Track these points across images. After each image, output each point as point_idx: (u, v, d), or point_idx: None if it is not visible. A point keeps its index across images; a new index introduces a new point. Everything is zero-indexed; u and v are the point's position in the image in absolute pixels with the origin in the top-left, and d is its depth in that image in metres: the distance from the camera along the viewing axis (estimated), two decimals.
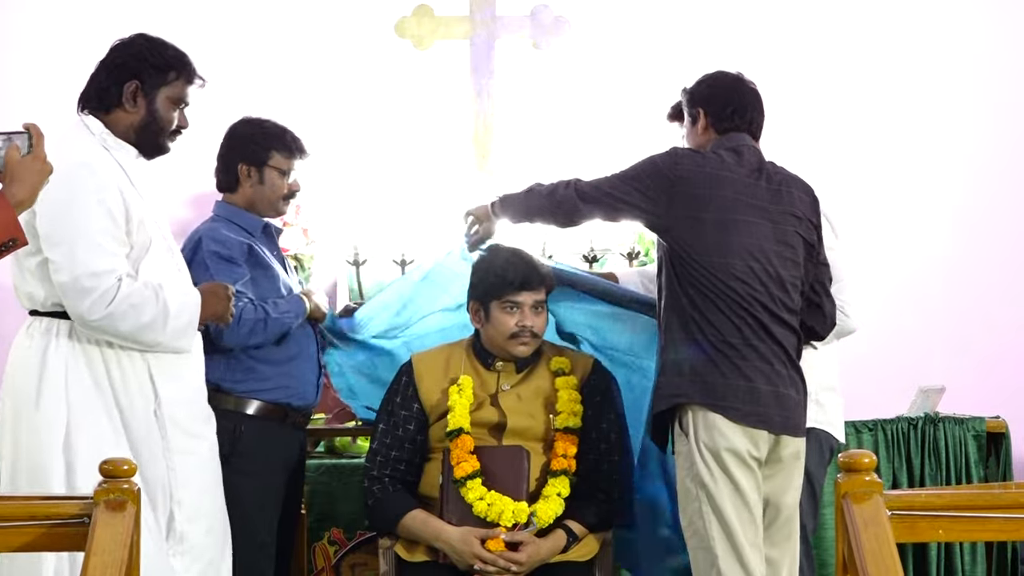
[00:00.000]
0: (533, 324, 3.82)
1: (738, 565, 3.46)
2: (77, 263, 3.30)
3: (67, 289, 3.31)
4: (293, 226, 5.34)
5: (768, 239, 3.59)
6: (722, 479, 3.48)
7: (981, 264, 5.75)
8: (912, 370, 5.40)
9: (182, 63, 3.53)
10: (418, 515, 3.77)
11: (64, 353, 3.36)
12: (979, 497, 2.71)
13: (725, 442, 3.48)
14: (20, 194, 2.89)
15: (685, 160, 3.63)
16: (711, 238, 3.55)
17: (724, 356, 3.51)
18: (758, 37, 5.73)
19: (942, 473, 4.81)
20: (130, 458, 3.20)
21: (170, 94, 3.50)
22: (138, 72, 3.46)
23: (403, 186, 5.55)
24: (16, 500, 2.69)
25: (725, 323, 3.52)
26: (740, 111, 3.72)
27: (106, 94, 3.47)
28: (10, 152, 2.90)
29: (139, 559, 2.56)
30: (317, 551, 4.58)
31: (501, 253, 3.93)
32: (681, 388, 3.53)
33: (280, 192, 4.02)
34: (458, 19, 5.47)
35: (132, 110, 3.47)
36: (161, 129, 3.50)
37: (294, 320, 3.93)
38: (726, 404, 3.49)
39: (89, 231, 3.31)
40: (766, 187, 3.63)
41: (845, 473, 2.58)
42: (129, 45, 3.52)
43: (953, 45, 5.82)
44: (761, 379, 3.52)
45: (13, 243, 2.90)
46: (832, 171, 5.68)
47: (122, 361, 3.40)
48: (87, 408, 3.35)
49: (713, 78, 3.82)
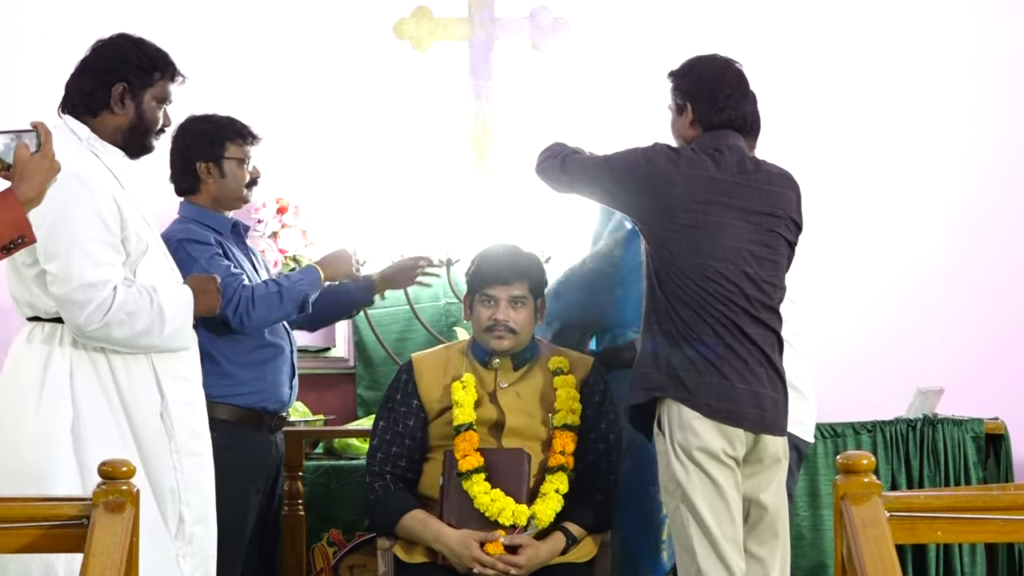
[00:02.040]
0: (507, 318, 3.82)
1: (717, 561, 3.46)
2: (72, 275, 3.28)
3: (63, 301, 3.30)
4: (292, 227, 5.34)
5: (744, 240, 3.57)
6: (697, 476, 3.47)
7: (979, 265, 5.74)
8: (910, 371, 5.39)
9: (165, 62, 3.52)
10: (418, 515, 3.78)
11: (68, 358, 3.35)
12: (978, 498, 2.71)
13: (698, 441, 3.47)
14: (29, 192, 2.92)
15: (660, 158, 3.60)
16: (684, 239, 3.54)
17: (699, 354, 3.50)
18: (756, 39, 5.73)
19: (941, 474, 4.81)
20: (138, 461, 3.26)
21: (155, 94, 3.49)
22: (124, 74, 3.44)
23: (402, 188, 5.55)
24: (15, 502, 2.69)
25: (699, 322, 3.51)
26: (727, 107, 3.67)
27: (92, 97, 3.44)
28: (19, 150, 2.92)
29: (138, 561, 2.56)
30: (316, 552, 4.58)
31: (491, 248, 3.97)
32: (658, 381, 3.53)
33: (242, 181, 4.02)
34: (457, 21, 5.47)
35: (120, 112, 3.45)
36: (148, 129, 3.49)
37: (310, 288, 3.96)
38: (698, 400, 3.48)
39: (84, 242, 3.30)
40: (745, 186, 3.60)
41: (844, 475, 2.59)
42: (112, 46, 3.50)
43: (951, 45, 5.82)
44: (736, 377, 3.51)
45: (22, 240, 2.92)
46: (830, 172, 5.69)
47: (128, 364, 3.39)
48: (94, 412, 3.34)
49: (699, 70, 3.74)
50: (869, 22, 5.83)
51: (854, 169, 5.77)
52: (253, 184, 4.06)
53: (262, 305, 3.84)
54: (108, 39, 3.52)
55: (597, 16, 5.69)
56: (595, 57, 5.66)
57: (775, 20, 5.78)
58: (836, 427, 4.72)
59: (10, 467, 3.32)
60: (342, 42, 5.64)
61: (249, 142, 4.03)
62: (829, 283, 5.64)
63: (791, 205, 3.67)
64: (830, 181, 5.69)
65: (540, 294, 3.92)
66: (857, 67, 5.81)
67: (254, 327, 3.88)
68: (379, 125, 5.64)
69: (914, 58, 5.83)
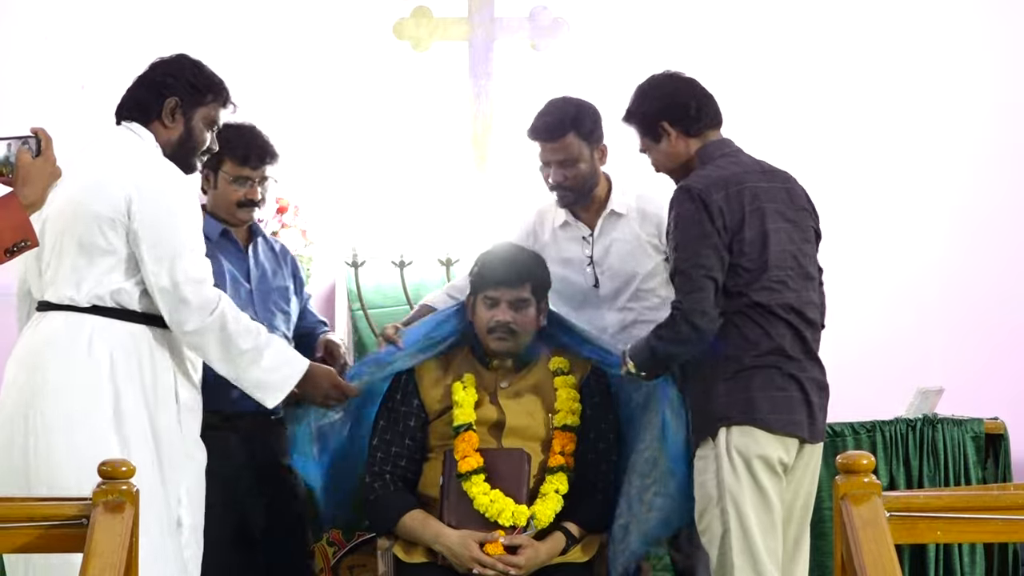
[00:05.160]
0: (509, 320, 3.82)
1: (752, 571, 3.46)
2: (177, 271, 3.38)
3: (170, 296, 3.39)
4: (292, 227, 5.34)
5: (793, 241, 3.58)
6: (748, 484, 3.47)
7: (979, 265, 5.74)
8: (910, 371, 5.39)
9: (219, 87, 3.62)
10: (417, 515, 3.78)
11: (109, 347, 3.38)
12: (978, 498, 2.71)
13: (758, 449, 3.47)
14: (31, 196, 2.99)
15: (711, 193, 3.50)
16: (749, 254, 3.51)
17: (759, 369, 3.50)
18: (756, 40, 5.73)
19: (940, 474, 4.80)
20: (156, 460, 3.34)
21: (205, 115, 3.58)
22: (178, 89, 3.54)
23: (402, 188, 5.55)
24: (14, 501, 2.69)
25: (762, 336, 3.51)
26: (702, 106, 3.65)
27: (145, 107, 3.53)
28: (21, 155, 2.99)
29: (138, 560, 2.56)
30: (316, 552, 4.58)
31: (493, 249, 3.97)
32: (718, 413, 3.50)
33: (232, 199, 3.99)
34: (456, 21, 5.47)
35: (170, 125, 3.53)
36: (194, 147, 3.57)
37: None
38: (763, 416, 3.48)
39: (190, 240, 3.43)
40: (778, 187, 3.60)
41: (844, 475, 2.59)
42: (171, 63, 3.60)
43: (952, 45, 5.82)
44: (794, 387, 3.52)
45: (25, 244, 2.98)
46: (831, 172, 5.69)
47: (156, 365, 3.43)
48: (133, 407, 3.38)
49: (652, 91, 3.69)
50: (870, 26, 5.83)
51: (854, 170, 5.77)
52: (247, 205, 4.00)
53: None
54: (168, 57, 3.62)
55: (597, 16, 5.69)
56: (595, 57, 5.66)
57: (774, 25, 5.78)
58: (836, 427, 4.71)
59: (63, 460, 3.31)
60: (342, 42, 5.64)
61: (253, 164, 3.98)
62: (829, 283, 5.63)
63: (806, 198, 3.67)
64: (831, 182, 5.68)
65: (543, 296, 3.92)
66: (858, 68, 5.81)
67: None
68: (379, 125, 5.65)
69: (914, 59, 5.83)
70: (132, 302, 3.42)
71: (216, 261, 3.87)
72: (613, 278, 4.03)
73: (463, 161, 5.45)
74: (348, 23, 5.65)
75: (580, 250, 4.05)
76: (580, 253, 4.05)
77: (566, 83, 5.62)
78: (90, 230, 3.38)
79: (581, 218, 4.07)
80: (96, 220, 3.37)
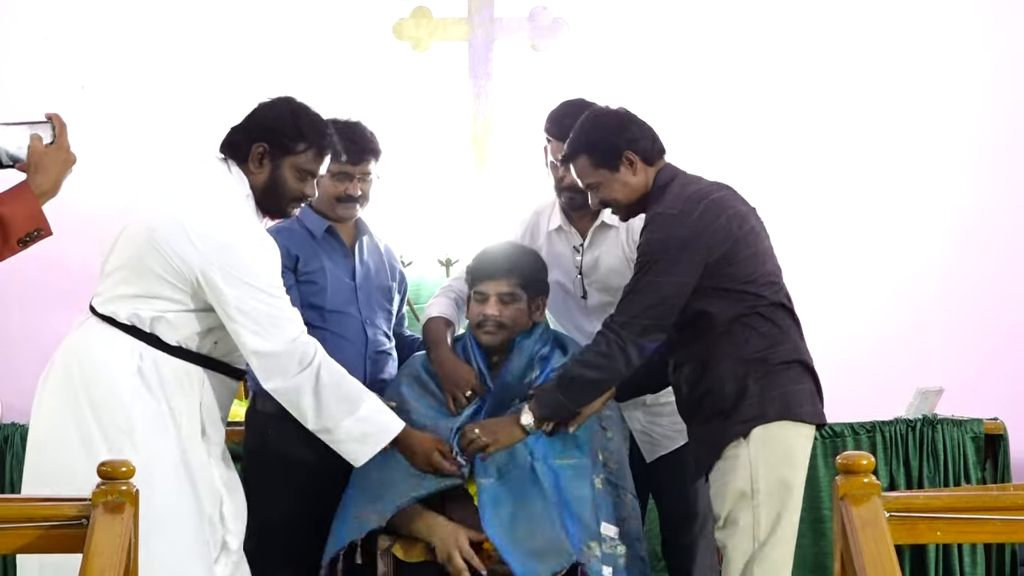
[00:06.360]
0: (496, 313, 3.82)
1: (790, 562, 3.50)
2: (275, 329, 3.33)
3: (262, 358, 3.33)
4: None
5: (765, 237, 3.62)
6: (785, 477, 3.48)
7: (979, 265, 5.75)
8: (910, 372, 5.39)
9: (318, 136, 3.48)
10: (416, 506, 3.75)
11: (149, 367, 3.31)
12: (977, 499, 2.71)
13: (795, 441, 3.50)
14: (44, 184, 2.90)
15: (708, 216, 3.48)
16: (749, 258, 3.53)
17: (787, 365, 3.52)
18: (755, 40, 5.73)
19: (940, 475, 4.80)
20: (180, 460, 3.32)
21: (297, 163, 3.46)
22: (267, 136, 3.44)
23: (402, 188, 5.55)
24: (14, 501, 2.70)
25: (779, 334, 3.53)
26: (655, 135, 3.63)
27: (237, 148, 3.45)
28: (33, 142, 2.90)
29: (137, 561, 2.56)
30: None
31: (488, 246, 3.99)
32: (752, 412, 3.50)
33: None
34: (456, 21, 5.47)
35: (256, 171, 3.44)
36: (279, 195, 3.47)
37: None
38: (799, 409, 3.50)
39: (277, 300, 3.35)
40: (734, 194, 3.61)
41: (844, 475, 2.59)
42: (270, 107, 3.50)
43: (951, 45, 5.83)
44: (809, 378, 3.56)
45: (38, 233, 2.89)
46: (831, 173, 5.70)
47: (189, 397, 3.37)
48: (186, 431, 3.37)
49: (598, 123, 3.60)
50: (870, 27, 5.84)
51: (854, 170, 5.77)
52: (346, 201, 3.94)
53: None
54: (273, 99, 3.53)
55: (596, 16, 5.69)
56: (594, 57, 5.66)
57: (774, 28, 5.78)
58: (835, 427, 4.72)
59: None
60: (342, 42, 5.64)
61: (352, 160, 3.90)
62: (829, 284, 5.65)
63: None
64: (831, 182, 5.70)
65: (537, 290, 3.90)
66: (857, 68, 5.81)
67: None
68: (379, 125, 5.62)
69: (912, 59, 5.83)
70: (168, 334, 3.34)
71: (317, 259, 3.88)
72: (601, 292, 4.02)
73: (463, 161, 5.46)
74: (348, 23, 5.65)
75: (572, 257, 4.05)
76: (571, 261, 4.05)
77: (566, 83, 5.63)
78: (155, 262, 3.28)
79: (575, 224, 4.05)
80: (165, 260, 3.28)
